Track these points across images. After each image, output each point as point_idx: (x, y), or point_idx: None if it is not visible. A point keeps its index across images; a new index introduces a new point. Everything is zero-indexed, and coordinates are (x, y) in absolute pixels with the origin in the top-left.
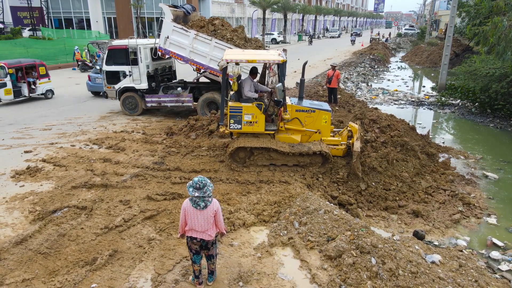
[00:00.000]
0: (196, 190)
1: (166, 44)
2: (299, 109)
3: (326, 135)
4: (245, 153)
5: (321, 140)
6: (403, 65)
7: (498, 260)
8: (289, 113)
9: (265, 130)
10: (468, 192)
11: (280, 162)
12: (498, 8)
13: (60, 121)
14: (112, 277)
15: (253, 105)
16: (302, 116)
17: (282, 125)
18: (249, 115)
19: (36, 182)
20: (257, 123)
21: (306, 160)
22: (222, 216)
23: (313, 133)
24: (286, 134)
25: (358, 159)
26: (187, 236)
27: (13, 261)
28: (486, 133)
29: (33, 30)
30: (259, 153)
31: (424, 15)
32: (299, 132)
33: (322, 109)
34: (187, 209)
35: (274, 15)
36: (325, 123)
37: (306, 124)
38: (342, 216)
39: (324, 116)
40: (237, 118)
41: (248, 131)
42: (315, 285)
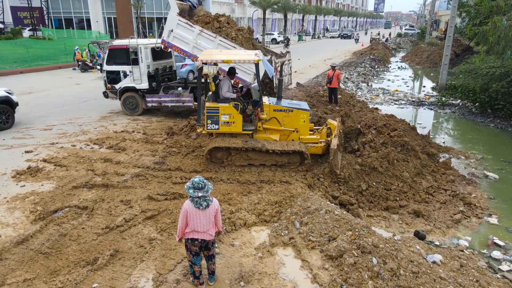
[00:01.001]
0: (198, 191)
1: (169, 37)
2: (276, 109)
3: (304, 134)
4: (222, 153)
5: (300, 139)
6: (403, 65)
7: (499, 260)
8: (266, 113)
9: (243, 130)
10: (469, 192)
11: (258, 162)
12: (498, 8)
13: (60, 121)
14: (113, 277)
15: (230, 105)
16: (280, 116)
17: (260, 125)
18: (226, 115)
19: (37, 182)
20: (234, 123)
21: (283, 159)
22: (220, 215)
23: (291, 132)
24: (265, 133)
25: (335, 156)
26: (186, 239)
27: (14, 261)
28: (487, 133)
29: (33, 30)
30: (237, 153)
31: (424, 15)
32: (278, 132)
33: (300, 108)
34: (189, 211)
35: (274, 15)
36: (303, 122)
37: (285, 123)
38: (343, 216)
39: (302, 116)
40: (214, 119)
41: (225, 131)
42: (316, 285)
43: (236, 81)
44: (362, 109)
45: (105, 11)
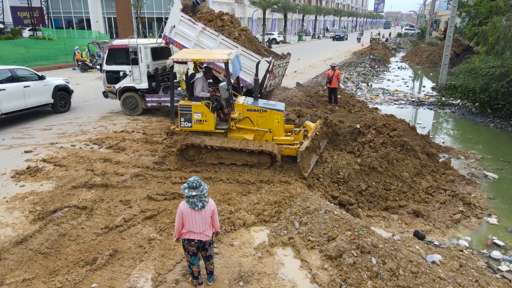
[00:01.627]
0: (192, 190)
1: (171, 33)
2: (250, 109)
3: (278, 135)
4: (194, 151)
5: (273, 140)
6: (403, 65)
7: (499, 260)
8: (238, 112)
9: (216, 129)
10: (468, 192)
11: (229, 161)
12: (498, 8)
13: (60, 121)
14: (113, 277)
15: (202, 103)
16: (254, 116)
17: (233, 124)
18: (198, 113)
19: (37, 182)
20: (206, 122)
21: (254, 159)
22: (217, 215)
23: (265, 133)
24: (239, 133)
25: (302, 158)
26: (183, 239)
27: (13, 261)
28: (486, 133)
29: (33, 30)
30: (208, 151)
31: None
32: (252, 132)
33: (274, 109)
34: (184, 211)
35: (274, 15)
36: (277, 123)
37: (259, 123)
38: (343, 216)
39: (276, 116)
40: (187, 117)
41: (198, 129)
42: (315, 285)
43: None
44: (362, 109)
45: (105, 11)
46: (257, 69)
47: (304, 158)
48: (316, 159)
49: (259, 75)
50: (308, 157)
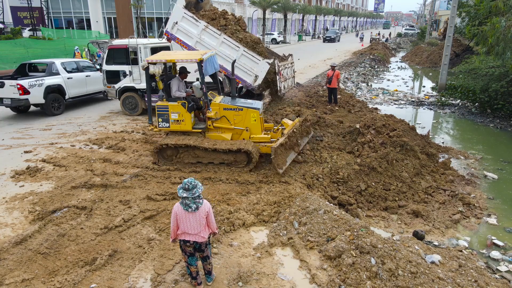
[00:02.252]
0: (185, 191)
1: (173, 29)
2: (226, 108)
3: (256, 133)
4: (172, 151)
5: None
6: (403, 65)
7: (498, 260)
8: (214, 111)
9: (193, 129)
10: (468, 192)
11: (206, 160)
12: (497, 9)
13: (60, 121)
14: (112, 277)
15: (179, 103)
16: (231, 115)
17: (210, 123)
18: (175, 113)
19: (36, 182)
20: (183, 122)
21: (230, 158)
22: (213, 217)
23: (242, 131)
24: (217, 132)
25: (276, 155)
26: (180, 240)
27: (12, 261)
28: (486, 133)
29: (33, 30)
30: (185, 151)
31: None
32: (230, 131)
33: (250, 107)
34: (178, 213)
35: (274, 15)
36: (254, 121)
37: (236, 122)
38: (342, 216)
39: (252, 114)
40: (165, 117)
41: (176, 129)
42: (314, 285)
43: (237, 80)
44: (362, 109)
45: (105, 11)
46: (233, 68)
47: (278, 155)
48: (294, 156)
49: (261, 77)
50: (283, 154)
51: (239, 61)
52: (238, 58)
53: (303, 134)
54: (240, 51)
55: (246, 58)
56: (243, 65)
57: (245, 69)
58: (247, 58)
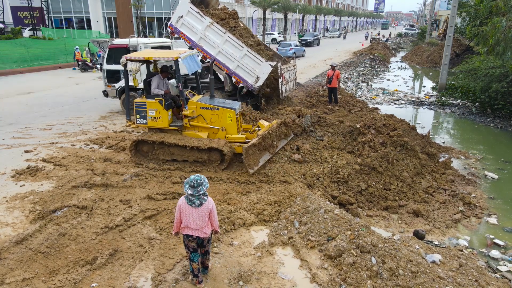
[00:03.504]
0: (190, 188)
1: (178, 23)
2: (203, 107)
3: (231, 133)
4: (148, 147)
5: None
6: (404, 65)
7: (497, 259)
8: (191, 110)
9: (170, 126)
10: (468, 192)
11: (181, 158)
12: (498, 9)
13: (60, 121)
14: (113, 276)
15: (156, 101)
16: (207, 114)
17: (187, 121)
18: (153, 110)
19: (37, 182)
20: (161, 119)
21: (204, 156)
22: (216, 215)
23: (218, 131)
24: (194, 131)
25: (247, 155)
26: (183, 234)
27: (13, 261)
28: (487, 133)
29: (34, 30)
30: (160, 147)
31: (424, 15)
32: (206, 130)
33: (226, 107)
34: (182, 207)
35: (274, 15)
36: (230, 121)
37: (212, 121)
38: (342, 215)
39: (228, 114)
40: (142, 114)
41: (153, 126)
42: (315, 285)
43: (238, 80)
44: (362, 109)
45: (105, 11)
46: (211, 68)
47: (250, 155)
48: (268, 157)
49: (262, 79)
50: (256, 154)
51: (241, 61)
52: (241, 57)
53: (280, 136)
54: (244, 51)
55: (249, 59)
56: (246, 65)
57: (247, 69)
58: (250, 59)
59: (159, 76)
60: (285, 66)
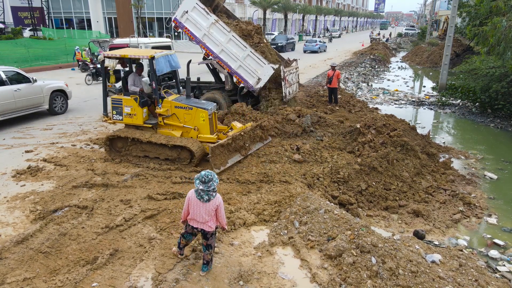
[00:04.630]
0: (201, 184)
1: (183, 18)
2: (177, 106)
3: (204, 133)
4: (122, 143)
5: (197, 137)
6: (404, 65)
7: (496, 259)
8: (166, 108)
9: (144, 123)
10: (468, 192)
11: (153, 155)
12: (498, 9)
13: (60, 121)
14: (113, 276)
15: (131, 98)
16: (181, 113)
17: (161, 119)
18: (128, 107)
19: (37, 182)
20: (136, 116)
21: (174, 154)
22: (224, 212)
23: (191, 130)
24: (168, 129)
25: (214, 155)
26: (188, 224)
27: (14, 260)
28: (487, 133)
29: (34, 30)
30: (133, 144)
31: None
32: (180, 128)
33: (200, 107)
34: (191, 200)
35: (274, 15)
36: (202, 121)
37: (186, 120)
38: (343, 215)
39: (201, 114)
40: (119, 110)
41: (128, 122)
42: (315, 284)
43: (239, 80)
44: (362, 109)
45: (105, 11)
46: (188, 68)
47: (216, 155)
48: (239, 158)
49: (264, 80)
50: (223, 154)
51: (244, 61)
52: (244, 58)
53: (255, 139)
54: (247, 51)
55: (252, 60)
56: (248, 65)
57: (249, 70)
58: (252, 60)
59: (134, 74)
60: (287, 69)
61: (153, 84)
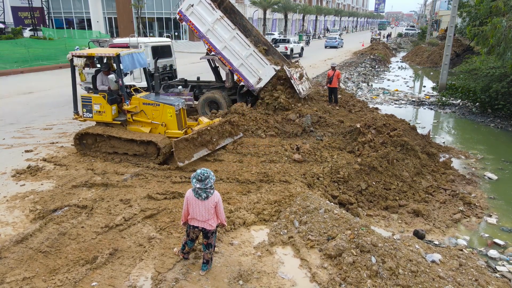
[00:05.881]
0: (198, 182)
1: (188, 11)
2: (145, 102)
3: (172, 128)
4: (92, 139)
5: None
6: (404, 65)
7: (495, 259)
8: (132, 105)
9: (113, 120)
10: (468, 191)
11: (121, 151)
12: (498, 9)
13: (60, 121)
14: (113, 275)
15: (100, 96)
16: (149, 109)
17: (130, 116)
18: (97, 105)
19: (37, 181)
20: (105, 113)
21: (141, 149)
22: (222, 208)
23: (159, 126)
24: (137, 126)
25: (177, 148)
26: (188, 225)
27: (13, 260)
28: (487, 133)
29: (34, 30)
30: (102, 140)
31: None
32: (149, 125)
33: (167, 103)
34: (190, 199)
35: (274, 15)
36: (170, 117)
37: (154, 117)
38: (342, 215)
39: (168, 110)
40: (88, 108)
41: (98, 120)
42: (315, 284)
43: (239, 78)
44: (362, 109)
45: (105, 11)
46: (156, 65)
47: (180, 149)
48: (205, 153)
49: (264, 81)
50: (188, 148)
51: (246, 60)
52: (247, 56)
53: (224, 134)
54: (250, 50)
55: (254, 59)
56: (250, 65)
57: (250, 69)
58: (254, 59)
59: (102, 74)
60: (292, 69)
61: (120, 81)
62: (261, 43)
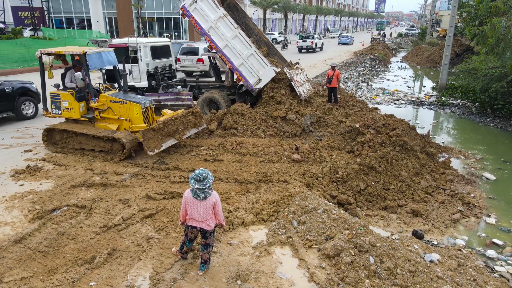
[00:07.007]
0: (196, 182)
1: (191, 7)
2: (113, 100)
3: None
4: (60, 136)
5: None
6: (404, 65)
7: (493, 259)
8: (100, 103)
9: (81, 117)
10: (468, 191)
11: (88, 147)
12: (497, 9)
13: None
14: (111, 275)
15: (68, 93)
16: (116, 107)
17: (97, 113)
18: (66, 101)
19: (36, 181)
20: (73, 110)
21: (107, 146)
22: (221, 208)
23: (123, 121)
24: (105, 123)
25: (146, 138)
26: (187, 225)
27: (12, 260)
28: (487, 133)
29: (34, 30)
30: (69, 136)
31: (425, 15)
32: (117, 122)
33: (133, 101)
34: (188, 199)
35: (274, 15)
36: (136, 115)
37: (121, 114)
38: (341, 215)
39: (135, 108)
40: (57, 104)
41: (66, 116)
42: (313, 284)
43: (239, 77)
44: (362, 109)
45: (105, 11)
46: (124, 65)
47: (149, 138)
48: (173, 142)
49: (264, 82)
50: (156, 138)
51: (247, 60)
52: (248, 56)
53: (188, 124)
54: (251, 50)
55: (255, 59)
56: (250, 65)
57: (250, 69)
58: (255, 59)
59: (71, 72)
60: (292, 70)
61: (86, 79)
62: (262, 43)
